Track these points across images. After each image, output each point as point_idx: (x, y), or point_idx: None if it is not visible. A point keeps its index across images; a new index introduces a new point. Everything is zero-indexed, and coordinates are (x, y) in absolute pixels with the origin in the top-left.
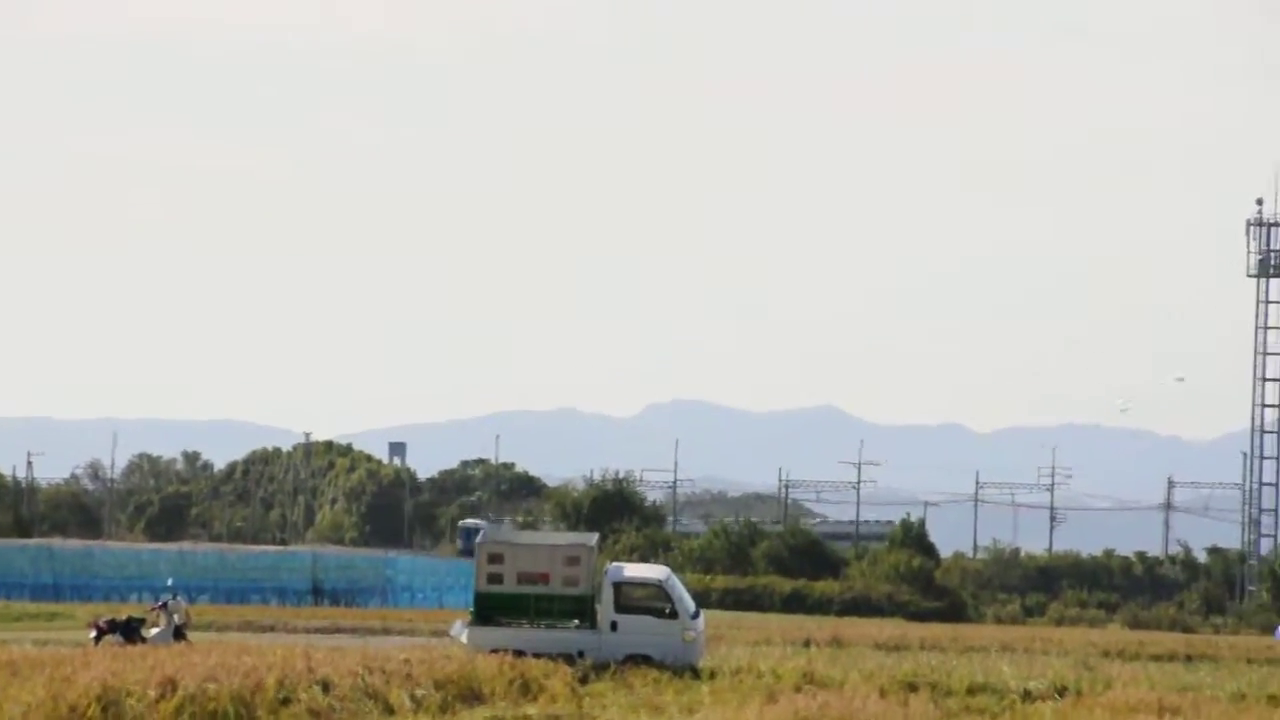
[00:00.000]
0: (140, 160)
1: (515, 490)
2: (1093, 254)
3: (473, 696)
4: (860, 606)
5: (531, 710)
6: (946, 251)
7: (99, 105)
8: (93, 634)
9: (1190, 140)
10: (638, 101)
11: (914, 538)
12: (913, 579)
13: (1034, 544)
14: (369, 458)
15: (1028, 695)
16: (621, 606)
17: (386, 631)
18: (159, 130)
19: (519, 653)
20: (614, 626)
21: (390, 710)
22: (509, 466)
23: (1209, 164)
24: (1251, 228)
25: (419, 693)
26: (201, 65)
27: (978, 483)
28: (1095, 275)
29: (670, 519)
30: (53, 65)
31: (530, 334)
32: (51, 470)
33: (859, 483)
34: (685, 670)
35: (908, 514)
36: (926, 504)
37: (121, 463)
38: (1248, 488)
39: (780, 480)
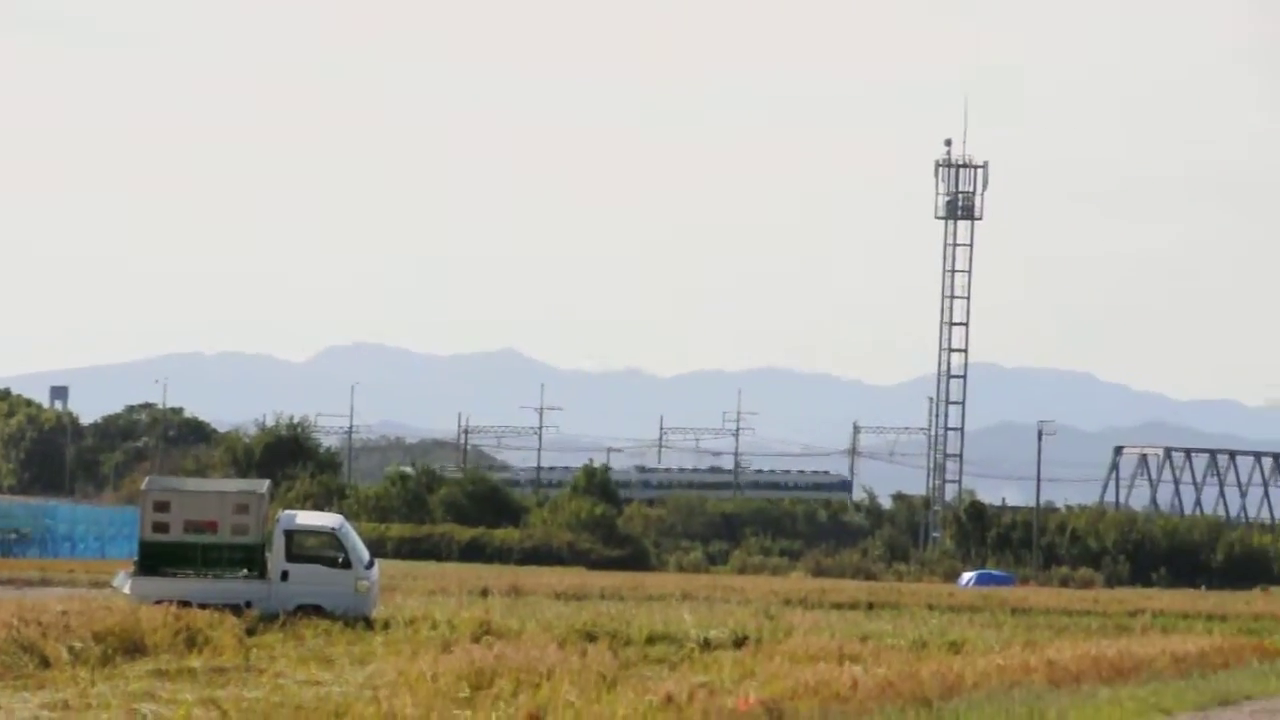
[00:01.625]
0: None
1: (184, 436)
2: (781, 195)
3: (135, 649)
4: (541, 555)
5: (196, 663)
6: (624, 193)
7: None
8: None
9: (883, 79)
10: (311, 49)
11: (596, 485)
12: (594, 527)
13: (721, 491)
14: (28, 402)
15: (707, 644)
16: (293, 555)
17: (45, 583)
18: None
19: (185, 604)
20: (284, 576)
21: (47, 663)
22: (177, 411)
23: (901, 104)
24: (940, 169)
25: (77, 645)
26: None
27: (661, 428)
28: (782, 216)
29: (345, 466)
30: None
31: (201, 274)
32: None
33: (540, 428)
34: (358, 621)
35: (590, 460)
36: (609, 450)
37: None
38: (933, 433)
39: (459, 426)
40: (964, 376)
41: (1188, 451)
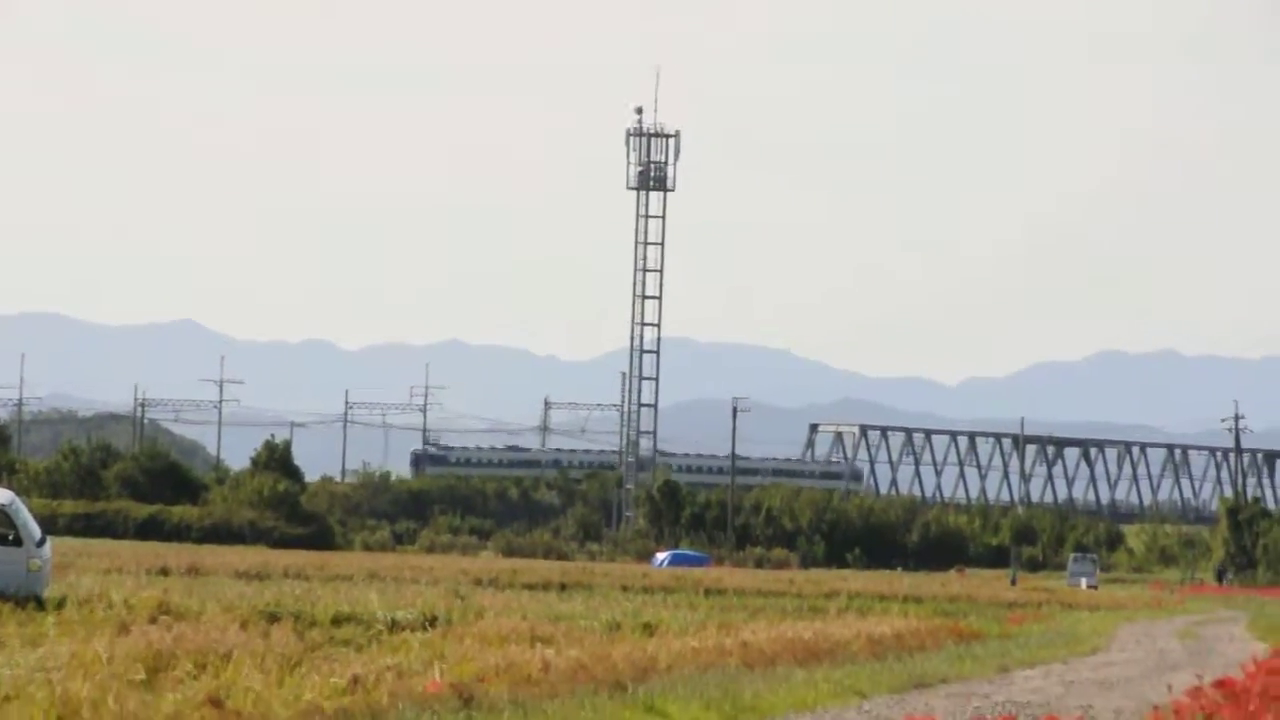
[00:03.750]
0: None
1: None
2: (472, 165)
3: None
4: (221, 533)
5: None
6: (303, 164)
7: None
8: None
9: (573, 46)
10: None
11: (278, 460)
12: (277, 504)
13: (406, 467)
14: None
15: (395, 625)
16: None
17: None
18: None
19: None
20: None
21: None
22: None
23: (593, 71)
24: (631, 138)
25: None
26: None
27: (347, 403)
28: (474, 187)
29: (15, 440)
30: None
31: None
32: None
33: (220, 401)
34: (29, 601)
35: (272, 435)
36: (293, 424)
37: None
38: (626, 409)
39: (136, 399)
40: (657, 352)
41: (884, 429)
